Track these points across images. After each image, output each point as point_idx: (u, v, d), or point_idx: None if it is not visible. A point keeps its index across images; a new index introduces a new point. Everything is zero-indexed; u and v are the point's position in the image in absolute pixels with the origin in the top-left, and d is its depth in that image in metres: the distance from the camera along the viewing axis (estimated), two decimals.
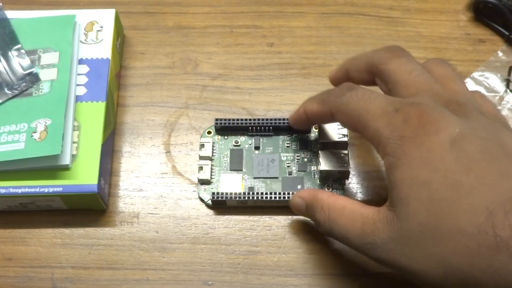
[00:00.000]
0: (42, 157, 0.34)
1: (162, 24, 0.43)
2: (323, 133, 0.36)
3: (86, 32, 0.40)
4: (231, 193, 0.35)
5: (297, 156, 0.37)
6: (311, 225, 0.35)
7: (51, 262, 0.35)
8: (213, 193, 0.35)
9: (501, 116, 0.31)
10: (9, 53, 0.38)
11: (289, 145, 0.38)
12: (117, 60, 0.40)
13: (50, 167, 0.35)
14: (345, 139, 0.36)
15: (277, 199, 0.35)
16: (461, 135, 0.26)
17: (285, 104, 0.40)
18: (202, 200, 0.37)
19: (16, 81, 0.37)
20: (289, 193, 0.35)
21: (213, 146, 0.38)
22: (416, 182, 0.26)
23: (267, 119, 0.38)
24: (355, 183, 0.37)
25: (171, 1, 0.44)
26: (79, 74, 0.38)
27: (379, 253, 0.27)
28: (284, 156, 0.37)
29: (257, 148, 0.38)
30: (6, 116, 0.36)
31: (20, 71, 0.37)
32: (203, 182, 0.37)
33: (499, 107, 0.40)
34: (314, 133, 0.38)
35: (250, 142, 0.38)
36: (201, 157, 0.37)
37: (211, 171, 0.37)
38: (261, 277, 0.35)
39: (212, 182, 0.37)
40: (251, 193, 0.35)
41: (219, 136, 0.38)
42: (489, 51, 0.42)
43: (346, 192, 0.36)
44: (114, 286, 0.35)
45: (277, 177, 0.37)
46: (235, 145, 0.38)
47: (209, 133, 0.39)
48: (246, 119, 0.38)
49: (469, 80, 0.40)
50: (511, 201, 0.24)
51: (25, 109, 0.36)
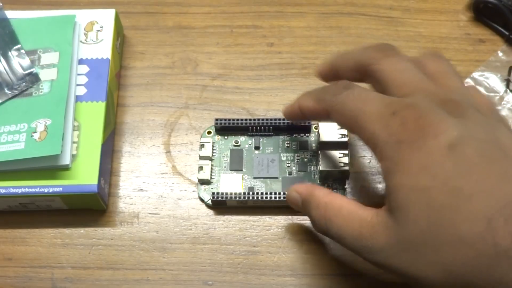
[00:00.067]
0: (42, 157, 0.34)
1: (162, 24, 0.43)
2: (323, 133, 0.36)
3: (86, 32, 0.40)
4: (231, 193, 0.35)
5: (297, 156, 0.37)
6: (311, 226, 0.35)
7: (51, 262, 0.35)
8: (213, 193, 0.35)
9: (495, 109, 0.30)
10: (9, 53, 0.38)
11: (289, 145, 0.38)
12: (117, 60, 0.40)
13: (50, 167, 0.35)
14: (345, 139, 0.36)
15: (277, 199, 0.35)
16: (459, 138, 0.25)
17: (285, 104, 0.39)
18: (202, 200, 0.37)
19: (16, 81, 0.37)
20: None
21: (213, 146, 0.38)
22: (415, 188, 0.25)
23: (267, 119, 0.38)
24: (355, 183, 0.37)
25: (171, 1, 0.44)
26: (79, 74, 0.38)
27: (377, 258, 0.27)
28: (284, 156, 0.37)
29: (257, 148, 0.38)
30: (6, 116, 0.36)
31: (20, 71, 0.37)
32: (203, 182, 0.37)
33: (499, 107, 0.40)
34: (314, 133, 0.38)
35: (250, 142, 0.38)
36: (201, 157, 0.37)
37: (211, 171, 0.37)
38: (261, 277, 0.35)
39: (212, 182, 0.37)
40: (251, 193, 0.35)
41: (219, 136, 0.38)
42: (489, 51, 0.42)
43: (346, 192, 0.36)
44: (114, 286, 0.35)
45: (277, 177, 0.37)
46: (235, 145, 0.38)
47: (209, 133, 0.39)
48: (246, 119, 0.38)
49: (469, 80, 0.40)
50: (511, 206, 0.24)
51: (25, 109, 0.36)
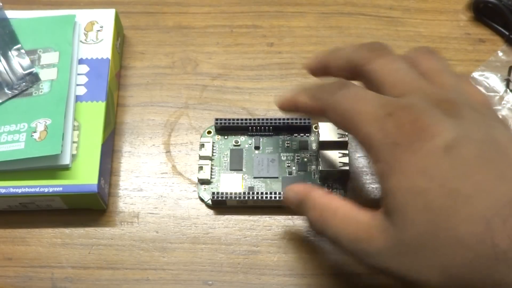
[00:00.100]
0: (42, 157, 0.34)
1: (162, 24, 0.43)
2: (323, 133, 0.36)
3: (86, 32, 0.40)
4: (231, 193, 0.35)
5: (297, 156, 0.37)
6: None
7: (51, 262, 0.35)
8: (213, 193, 0.35)
9: (489, 104, 0.30)
10: (9, 53, 0.38)
11: (289, 145, 0.38)
12: (117, 60, 0.40)
13: (50, 167, 0.35)
14: (345, 139, 0.36)
15: (277, 199, 0.35)
16: (455, 139, 0.25)
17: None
18: (202, 200, 0.37)
19: (16, 81, 0.37)
20: None
21: (213, 146, 0.38)
22: (412, 191, 0.25)
23: (267, 119, 0.38)
24: (355, 183, 0.37)
25: (171, 1, 0.44)
26: (79, 74, 0.38)
27: (374, 261, 0.27)
28: (284, 156, 0.37)
29: (257, 148, 0.38)
30: (6, 116, 0.36)
31: (20, 71, 0.37)
32: (203, 182, 0.37)
33: (499, 107, 0.40)
34: (314, 133, 0.38)
35: (250, 142, 0.38)
36: (201, 157, 0.37)
37: (211, 171, 0.37)
38: (261, 277, 0.35)
39: (212, 182, 0.37)
40: (251, 193, 0.35)
41: (219, 136, 0.38)
42: (489, 51, 0.42)
43: (346, 192, 0.36)
44: (114, 286, 0.35)
45: (277, 177, 0.37)
46: (235, 145, 0.38)
47: (209, 133, 0.39)
48: (246, 119, 0.38)
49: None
50: (509, 207, 0.24)
51: (25, 109, 0.36)
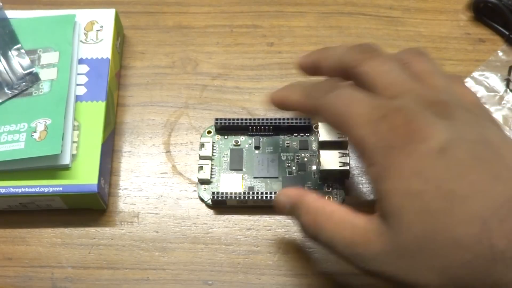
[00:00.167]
0: (42, 157, 0.34)
1: (162, 24, 0.43)
2: (323, 133, 0.36)
3: (86, 31, 0.40)
4: (231, 193, 0.35)
5: (297, 156, 0.37)
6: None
7: (51, 262, 0.35)
8: (213, 193, 0.35)
9: (481, 104, 0.30)
10: (9, 52, 0.38)
11: (289, 145, 0.38)
12: (117, 59, 0.40)
13: (50, 167, 0.35)
14: (345, 139, 0.36)
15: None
16: (449, 141, 0.25)
17: None
18: (202, 200, 0.37)
19: (16, 81, 0.37)
20: None
21: (213, 145, 0.38)
22: (408, 193, 0.25)
23: (267, 119, 0.38)
24: (355, 183, 0.37)
25: (171, 1, 0.44)
26: (79, 73, 0.38)
27: (371, 266, 0.26)
28: (284, 156, 0.37)
29: (257, 148, 0.38)
30: (6, 116, 0.36)
31: (20, 70, 0.37)
32: (203, 181, 0.37)
33: (499, 107, 0.40)
34: (314, 133, 0.38)
35: (250, 142, 0.38)
36: (201, 157, 0.37)
37: (211, 171, 0.37)
38: (261, 277, 0.35)
39: (212, 181, 0.37)
40: (251, 193, 0.35)
41: (219, 135, 0.38)
42: (489, 51, 0.42)
43: (346, 192, 0.36)
44: (114, 286, 0.35)
45: (277, 177, 0.37)
46: (235, 145, 0.38)
47: (209, 132, 0.39)
48: (246, 119, 0.38)
49: (469, 79, 0.40)
50: (505, 207, 0.24)
51: (25, 108, 0.36)
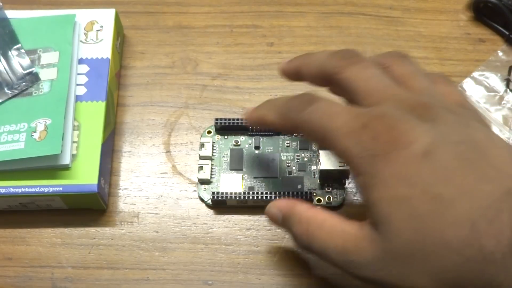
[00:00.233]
0: (42, 157, 0.34)
1: (162, 24, 0.43)
2: None
3: (86, 31, 0.40)
4: (231, 193, 0.35)
5: (297, 155, 0.37)
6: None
7: (51, 262, 0.35)
8: (213, 193, 0.35)
9: (466, 102, 0.30)
10: (9, 52, 0.38)
11: (289, 145, 0.38)
12: (117, 59, 0.40)
13: (50, 167, 0.35)
14: None
15: (277, 198, 0.35)
16: (432, 144, 0.25)
17: None
18: (202, 199, 0.37)
19: (16, 81, 0.37)
20: (289, 193, 0.35)
21: (213, 145, 0.38)
22: (395, 200, 0.25)
23: None
24: (355, 183, 0.37)
25: (171, 1, 0.44)
26: (79, 73, 0.38)
27: (364, 272, 0.26)
28: (284, 155, 0.37)
29: (257, 147, 0.38)
30: (6, 115, 0.36)
31: (20, 70, 0.37)
32: (203, 181, 0.37)
33: (499, 107, 0.40)
34: None
35: (250, 141, 0.38)
36: (201, 157, 0.37)
37: (211, 171, 0.37)
38: (261, 277, 0.35)
39: (212, 181, 0.37)
40: (251, 192, 0.35)
41: (219, 135, 0.38)
42: (489, 51, 0.42)
43: (346, 191, 0.36)
44: (114, 285, 0.35)
45: (277, 177, 0.37)
46: (235, 145, 0.38)
47: (209, 132, 0.39)
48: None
49: (469, 79, 0.41)
50: (493, 207, 0.23)
51: (25, 108, 0.36)
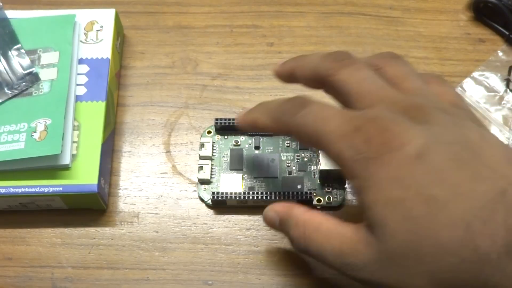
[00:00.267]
0: (42, 157, 0.34)
1: (162, 24, 0.43)
2: None
3: (86, 31, 0.40)
4: (231, 193, 0.35)
5: (297, 155, 0.37)
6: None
7: (51, 262, 0.35)
8: (213, 193, 0.35)
9: (460, 101, 0.30)
10: (9, 52, 0.38)
11: (289, 145, 0.38)
12: (117, 59, 0.40)
13: (50, 167, 0.35)
14: None
15: (277, 199, 0.35)
16: (425, 146, 0.25)
17: None
18: (202, 200, 0.37)
19: (16, 81, 0.37)
20: (289, 193, 0.35)
21: (213, 145, 0.38)
22: (389, 202, 0.25)
23: None
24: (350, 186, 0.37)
25: (171, 1, 0.44)
26: (79, 73, 0.38)
27: (361, 275, 0.26)
28: (284, 155, 0.37)
29: (257, 148, 0.38)
30: (6, 116, 0.36)
31: (20, 70, 0.37)
32: (203, 182, 0.37)
33: (499, 107, 0.40)
34: None
35: (250, 142, 0.38)
36: (201, 157, 0.37)
37: (211, 171, 0.37)
38: (261, 277, 0.35)
39: (212, 182, 0.37)
40: (251, 192, 0.35)
41: (219, 135, 0.38)
42: (489, 51, 0.42)
43: (346, 191, 0.36)
44: (114, 285, 0.35)
45: (277, 177, 0.37)
46: (235, 145, 0.38)
47: (209, 132, 0.39)
48: None
49: (469, 79, 0.40)
50: (488, 207, 0.23)
51: (25, 109, 0.36)
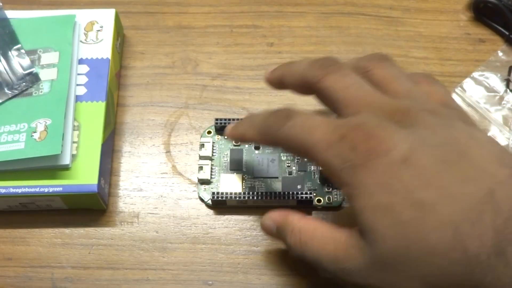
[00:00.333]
0: (42, 157, 0.34)
1: (162, 24, 0.43)
2: None
3: (86, 32, 0.40)
4: (231, 193, 0.35)
5: (297, 156, 0.37)
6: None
7: (51, 262, 0.35)
8: (213, 193, 0.35)
9: (450, 101, 0.30)
10: (9, 53, 0.38)
11: None
12: (117, 60, 0.40)
13: (50, 167, 0.35)
14: None
15: (277, 199, 0.35)
16: (411, 150, 0.25)
17: (285, 104, 0.40)
18: (202, 200, 0.37)
19: (16, 81, 0.37)
20: (289, 193, 0.35)
21: (213, 146, 0.38)
22: (378, 208, 0.25)
23: None
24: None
25: (171, 1, 0.44)
26: (79, 74, 0.38)
27: (356, 279, 0.27)
28: (284, 156, 0.37)
29: (257, 148, 0.38)
30: (6, 116, 0.36)
31: (20, 71, 0.37)
32: (203, 182, 0.37)
33: (499, 107, 0.40)
34: None
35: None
36: (201, 157, 0.37)
37: (211, 171, 0.37)
38: (261, 277, 0.35)
39: (212, 182, 0.37)
40: (251, 193, 0.35)
41: (219, 136, 0.38)
42: (489, 51, 0.42)
43: None
44: (114, 286, 0.35)
45: (277, 177, 0.37)
46: (235, 145, 0.38)
47: (209, 133, 0.39)
48: None
49: (469, 80, 0.40)
50: (476, 209, 0.23)
51: (25, 109, 0.36)
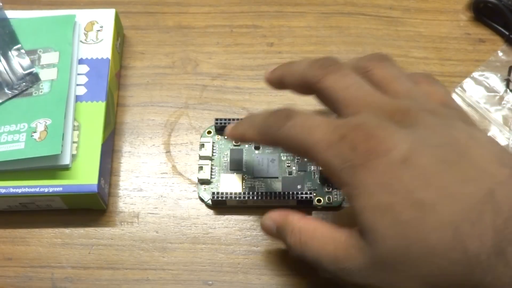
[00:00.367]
0: (42, 157, 0.34)
1: (162, 24, 0.43)
2: None
3: (86, 32, 0.40)
4: (231, 193, 0.35)
5: (297, 156, 0.37)
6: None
7: (51, 262, 0.35)
8: (213, 193, 0.35)
9: (450, 101, 0.30)
10: (9, 53, 0.38)
11: None
12: (117, 60, 0.40)
13: (50, 167, 0.35)
14: None
15: (277, 199, 0.35)
16: (411, 150, 0.25)
17: (285, 104, 0.40)
18: (202, 200, 0.37)
19: (16, 81, 0.37)
20: (289, 193, 0.35)
21: (213, 146, 0.38)
22: (378, 208, 0.25)
23: None
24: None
25: (171, 1, 0.44)
26: (79, 74, 0.38)
27: (357, 279, 0.27)
28: (284, 156, 0.37)
29: (257, 148, 0.38)
30: (6, 116, 0.36)
31: (20, 71, 0.37)
32: (203, 182, 0.37)
33: (499, 107, 0.40)
34: None
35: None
36: (201, 157, 0.37)
37: (211, 171, 0.37)
38: (261, 277, 0.35)
39: (212, 182, 0.37)
40: (251, 193, 0.35)
41: (219, 136, 0.38)
42: (489, 51, 0.42)
43: None
44: (114, 286, 0.35)
45: (277, 177, 0.37)
46: (235, 145, 0.38)
47: (209, 133, 0.39)
48: None
49: (469, 80, 0.40)
50: (476, 209, 0.23)
51: (25, 109, 0.36)
